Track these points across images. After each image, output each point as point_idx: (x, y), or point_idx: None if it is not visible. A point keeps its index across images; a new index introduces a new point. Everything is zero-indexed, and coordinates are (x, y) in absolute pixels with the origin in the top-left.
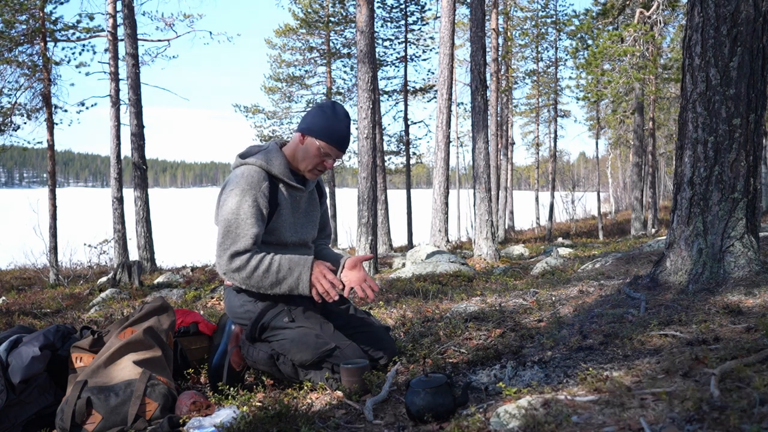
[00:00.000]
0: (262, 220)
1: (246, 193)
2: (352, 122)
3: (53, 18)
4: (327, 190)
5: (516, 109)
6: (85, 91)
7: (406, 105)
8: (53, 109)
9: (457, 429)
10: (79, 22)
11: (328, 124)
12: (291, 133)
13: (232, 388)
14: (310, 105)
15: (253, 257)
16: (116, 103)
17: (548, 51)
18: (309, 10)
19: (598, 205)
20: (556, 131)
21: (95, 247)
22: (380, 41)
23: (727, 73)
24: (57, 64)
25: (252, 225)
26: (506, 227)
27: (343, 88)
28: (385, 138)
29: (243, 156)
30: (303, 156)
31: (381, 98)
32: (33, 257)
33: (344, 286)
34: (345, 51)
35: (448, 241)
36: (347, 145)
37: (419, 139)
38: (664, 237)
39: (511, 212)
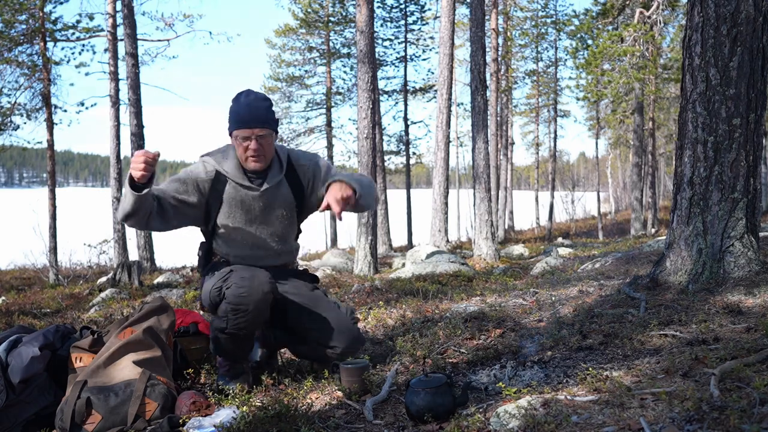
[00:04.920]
0: (175, 191)
1: (179, 179)
2: (262, 99)
3: (53, 18)
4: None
5: (516, 109)
6: (85, 91)
7: (405, 105)
8: (53, 109)
9: (457, 429)
10: (78, 22)
11: (231, 114)
12: (291, 133)
13: (232, 388)
14: (310, 105)
15: (156, 190)
16: (116, 103)
17: (548, 51)
18: (309, 10)
19: (598, 205)
20: (555, 131)
21: (95, 247)
22: (380, 41)
23: (726, 73)
24: (57, 64)
25: (169, 188)
26: (506, 227)
27: (342, 88)
28: (385, 138)
29: (207, 154)
30: (237, 153)
31: (381, 98)
32: (33, 257)
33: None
34: (345, 51)
35: (448, 241)
36: (254, 119)
37: (419, 139)
38: (664, 237)
39: (511, 212)
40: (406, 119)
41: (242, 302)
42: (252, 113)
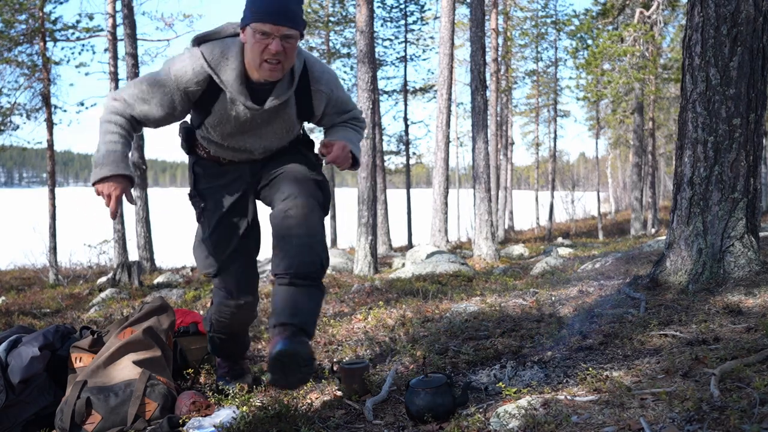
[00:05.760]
0: (161, 107)
1: (161, 84)
2: None
3: (53, 18)
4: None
5: (516, 109)
6: (85, 91)
7: (405, 105)
8: (53, 109)
9: (457, 429)
10: (78, 22)
11: (251, 2)
12: None
13: (232, 389)
14: None
15: (110, 117)
16: None
17: (548, 51)
18: (309, 10)
19: (598, 205)
20: (555, 131)
21: (95, 247)
22: (380, 41)
23: (727, 73)
24: (56, 64)
25: (141, 101)
26: (506, 227)
27: None
28: (385, 138)
29: (201, 40)
30: (249, 54)
31: (381, 98)
32: (33, 257)
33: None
34: (345, 51)
35: (447, 241)
36: (283, 13)
37: (419, 139)
38: (664, 237)
39: (511, 212)
40: (406, 119)
41: (223, 323)
42: (281, 5)
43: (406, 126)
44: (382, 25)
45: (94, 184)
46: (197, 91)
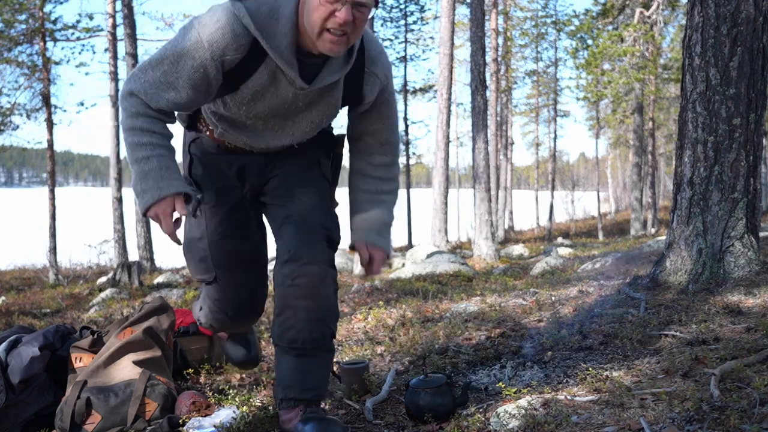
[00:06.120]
0: (192, 87)
1: (188, 56)
2: None
3: (53, 18)
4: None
5: (516, 109)
6: (85, 91)
7: (405, 105)
8: (53, 109)
9: (457, 429)
10: (78, 21)
11: None
12: None
13: (231, 388)
14: None
15: (132, 122)
16: (116, 103)
17: (548, 51)
18: None
19: (598, 205)
20: (555, 131)
21: (95, 248)
22: (380, 41)
23: (727, 73)
24: (57, 64)
25: (166, 86)
26: (506, 227)
27: None
28: None
29: None
30: (308, 18)
31: None
32: (33, 257)
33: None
34: None
35: (447, 241)
36: None
37: (419, 139)
38: (664, 237)
39: (511, 212)
40: (406, 119)
41: (214, 327)
42: None
43: (406, 126)
44: (382, 25)
45: (144, 215)
46: (234, 60)
